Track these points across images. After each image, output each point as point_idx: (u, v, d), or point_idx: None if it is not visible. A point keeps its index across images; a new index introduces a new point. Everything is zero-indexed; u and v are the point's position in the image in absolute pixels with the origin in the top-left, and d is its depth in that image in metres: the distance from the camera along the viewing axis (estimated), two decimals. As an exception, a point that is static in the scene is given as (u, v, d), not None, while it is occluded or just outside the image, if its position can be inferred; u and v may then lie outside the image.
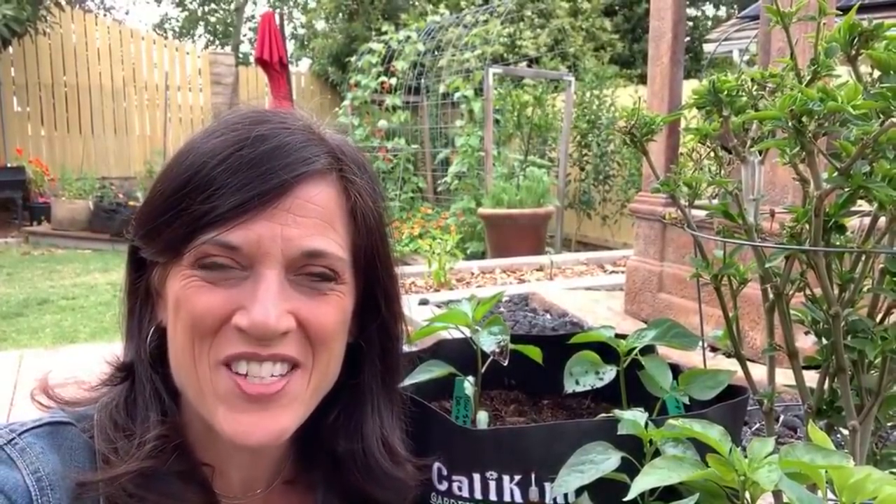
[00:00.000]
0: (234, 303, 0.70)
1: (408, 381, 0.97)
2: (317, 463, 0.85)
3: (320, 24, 16.23)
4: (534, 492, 0.81)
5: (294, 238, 0.70)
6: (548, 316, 4.14)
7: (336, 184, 0.75)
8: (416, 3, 13.65)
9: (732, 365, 1.03)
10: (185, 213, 0.70)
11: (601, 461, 0.76)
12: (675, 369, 1.00)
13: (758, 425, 2.30)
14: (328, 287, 0.74)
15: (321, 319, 0.73)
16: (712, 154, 1.01)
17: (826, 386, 0.95)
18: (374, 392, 0.84)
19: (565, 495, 0.81)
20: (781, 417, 2.32)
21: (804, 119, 0.76)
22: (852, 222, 0.89)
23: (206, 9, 28.76)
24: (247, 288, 0.70)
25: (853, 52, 0.82)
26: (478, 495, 0.84)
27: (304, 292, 0.72)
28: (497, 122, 9.02)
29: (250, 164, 0.69)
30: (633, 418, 0.79)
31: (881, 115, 0.75)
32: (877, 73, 0.81)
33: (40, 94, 11.97)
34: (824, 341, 0.92)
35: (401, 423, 0.88)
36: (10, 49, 11.21)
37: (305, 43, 17.76)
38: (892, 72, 0.79)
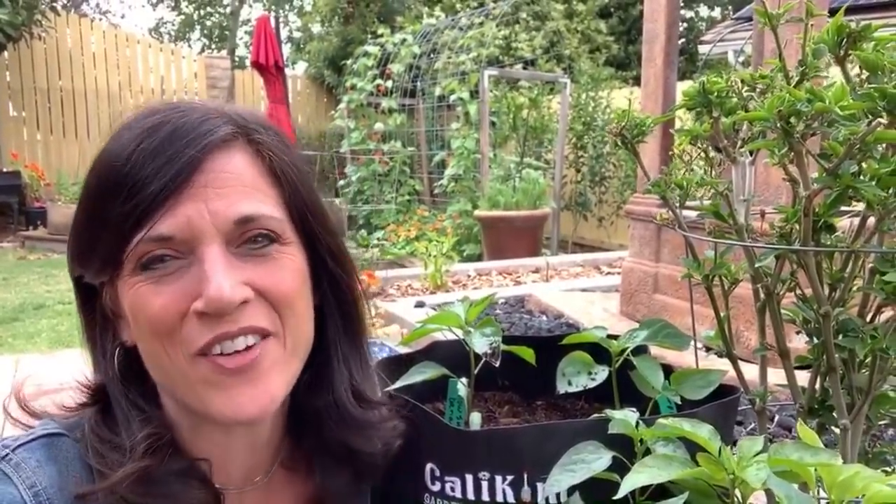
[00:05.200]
0: (188, 293, 0.69)
1: (401, 383, 0.97)
2: (305, 433, 0.85)
3: (316, 28, 16.24)
4: (526, 492, 0.82)
5: (221, 210, 0.69)
6: (544, 318, 4.15)
7: (246, 147, 0.74)
8: (412, 6, 13.66)
9: (725, 365, 1.03)
10: (109, 221, 0.69)
11: (592, 461, 0.76)
12: (668, 369, 1.01)
13: (753, 425, 2.31)
14: (274, 249, 0.73)
15: (278, 283, 0.73)
16: (703, 155, 1.02)
17: (817, 385, 0.96)
18: (338, 344, 0.84)
19: (557, 495, 0.81)
20: (776, 417, 2.33)
21: (792, 120, 0.77)
22: (842, 222, 0.90)
23: (202, 13, 28.74)
24: (194, 274, 0.69)
25: (842, 52, 0.83)
26: (470, 496, 0.84)
27: (253, 261, 0.72)
28: (493, 124, 9.03)
29: (154, 153, 0.69)
30: (624, 418, 0.80)
31: (869, 116, 0.76)
32: (865, 74, 0.82)
33: (36, 98, 11.96)
34: (815, 340, 0.93)
35: (372, 373, 0.89)
36: (6, 54, 11.20)
37: (301, 46, 17.78)
38: (879, 72, 0.79)
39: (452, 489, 0.86)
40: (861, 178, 0.80)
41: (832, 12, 0.88)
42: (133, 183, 0.68)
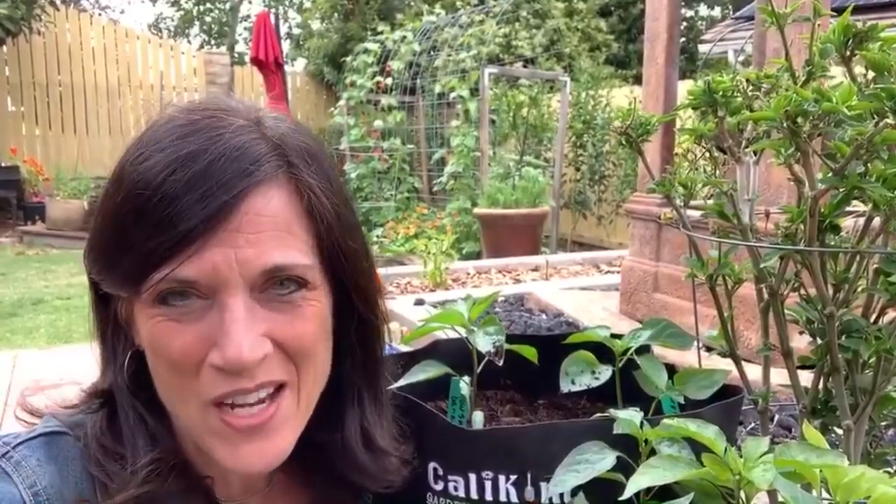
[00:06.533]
0: (206, 340, 0.66)
1: (403, 381, 0.97)
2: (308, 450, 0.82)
3: (316, 24, 16.21)
4: (529, 492, 0.81)
5: (250, 258, 0.65)
6: (543, 316, 4.15)
7: (286, 185, 0.69)
8: (412, 3, 13.64)
9: (728, 365, 1.03)
10: (131, 250, 0.65)
11: (597, 461, 0.76)
12: (671, 369, 1.00)
13: (753, 425, 2.31)
14: (300, 297, 0.69)
15: (298, 335, 0.69)
16: (707, 154, 1.02)
17: (821, 385, 0.95)
18: (355, 383, 0.82)
19: (561, 495, 0.81)
20: (777, 417, 2.33)
21: (799, 120, 0.77)
22: (847, 223, 0.90)
23: (202, 8, 28.68)
24: (214, 320, 0.66)
25: (848, 52, 0.83)
26: (473, 495, 0.84)
27: (276, 308, 0.68)
28: (493, 122, 9.03)
29: (187, 186, 0.64)
30: (628, 418, 0.79)
31: (875, 116, 0.75)
32: (871, 74, 0.81)
33: (35, 93, 11.94)
34: (819, 341, 0.92)
35: (390, 419, 0.85)
36: (5, 48, 11.19)
37: (301, 43, 17.76)
38: (886, 72, 0.79)
39: (456, 488, 0.85)
40: (867, 178, 0.80)
41: (835, 12, 0.88)
42: (161, 216, 0.64)
